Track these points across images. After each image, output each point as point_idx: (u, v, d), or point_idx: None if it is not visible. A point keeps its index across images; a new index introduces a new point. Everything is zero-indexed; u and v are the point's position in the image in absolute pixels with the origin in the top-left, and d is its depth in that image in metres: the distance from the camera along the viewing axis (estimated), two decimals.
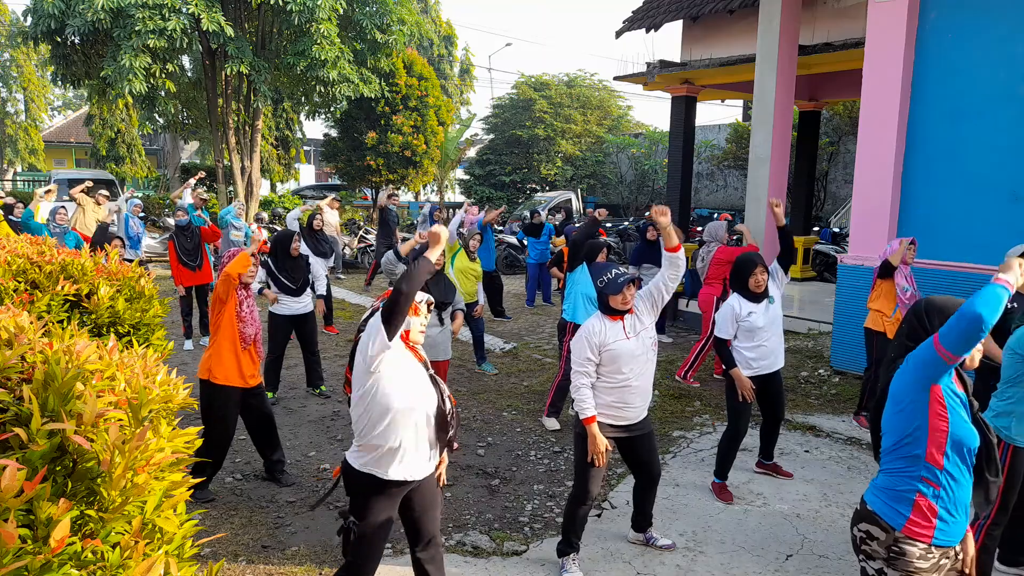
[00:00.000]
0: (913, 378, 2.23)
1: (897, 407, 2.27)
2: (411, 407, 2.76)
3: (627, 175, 24.77)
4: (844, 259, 7.32)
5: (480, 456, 5.21)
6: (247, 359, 4.40)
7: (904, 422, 2.25)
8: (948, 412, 2.18)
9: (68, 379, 1.59)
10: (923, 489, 2.22)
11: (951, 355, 2.12)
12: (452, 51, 34.94)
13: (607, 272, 3.52)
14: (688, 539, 4.03)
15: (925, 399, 2.20)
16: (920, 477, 2.22)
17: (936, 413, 2.19)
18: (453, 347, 5.92)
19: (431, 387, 2.84)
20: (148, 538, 1.56)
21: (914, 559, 2.20)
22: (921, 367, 2.21)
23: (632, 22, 11.44)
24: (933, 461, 2.20)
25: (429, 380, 2.86)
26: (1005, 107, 6.20)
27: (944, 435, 2.18)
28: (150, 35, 12.48)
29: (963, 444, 2.18)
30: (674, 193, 11.53)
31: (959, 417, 2.19)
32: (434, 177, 23.34)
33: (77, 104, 37.50)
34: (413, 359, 2.86)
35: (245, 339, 4.35)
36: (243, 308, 4.36)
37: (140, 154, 25.05)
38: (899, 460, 2.27)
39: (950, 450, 2.18)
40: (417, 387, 2.80)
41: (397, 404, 2.74)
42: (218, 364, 4.32)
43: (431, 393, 2.83)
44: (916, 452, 2.22)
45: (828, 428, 5.74)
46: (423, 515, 2.97)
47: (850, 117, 16.65)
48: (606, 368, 3.50)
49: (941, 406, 2.19)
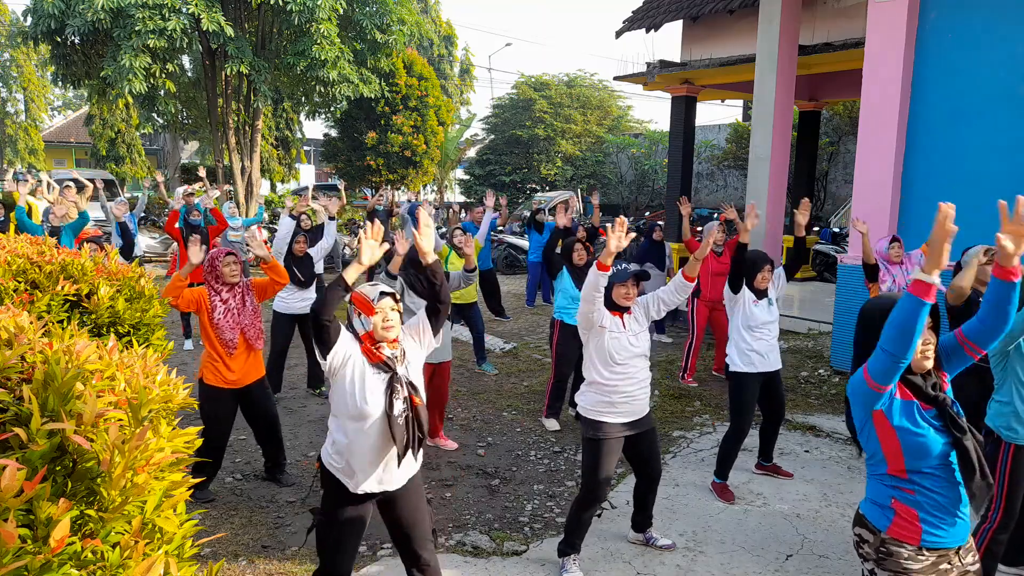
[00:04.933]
0: (855, 402, 2.25)
1: (858, 428, 2.30)
2: (360, 414, 2.67)
3: (627, 175, 24.77)
4: (844, 259, 7.32)
5: (480, 456, 5.21)
6: (237, 361, 4.29)
7: (866, 443, 2.28)
8: (896, 430, 2.17)
9: (68, 379, 1.58)
10: (898, 495, 2.23)
11: (873, 382, 2.13)
12: (452, 51, 34.95)
13: (615, 264, 3.54)
14: (688, 539, 4.02)
15: (871, 423, 2.22)
16: (892, 485, 2.25)
17: (884, 433, 2.20)
18: (453, 347, 5.93)
19: (382, 393, 2.68)
20: (148, 538, 1.56)
21: (902, 560, 2.21)
22: (856, 394, 2.23)
23: (632, 22, 11.44)
24: (897, 472, 2.22)
25: (385, 384, 2.70)
26: (1005, 107, 6.20)
27: (898, 451, 2.18)
28: (150, 35, 12.47)
29: (923, 453, 2.15)
30: (674, 193, 11.53)
31: (909, 433, 2.16)
32: (434, 177, 23.36)
33: (77, 104, 37.49)
34: (366, 363, 2.72)
35: (227, 344, 4.24)
36: (216, 315, 4.23)
37: (140, 154, 25.06)
38: (873, 470, 2.31)
39: (910, 462, 2.18)
40: (367, 393, 2.67)
41: (346, 410, 2.72)
42: (206, 365, 4.31)
43: (381, 398, 2.68)
44: (881, 467, 2.26)
45: (828, 428, 5.73)
46: (411, 531, 2.87)
47: (850, 117, 16.65)
48: (608, 364, 3.51)
49: (888, 427, 2.19)
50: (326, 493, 2.86)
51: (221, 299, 4.27)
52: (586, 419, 3.59)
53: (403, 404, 2.69)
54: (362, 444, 2.71)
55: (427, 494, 4.49)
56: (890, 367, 2.07)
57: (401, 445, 2.66)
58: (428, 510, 2.99)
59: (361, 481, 2.76)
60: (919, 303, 1.97)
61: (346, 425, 2.73)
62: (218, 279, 4.28)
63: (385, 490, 2.81)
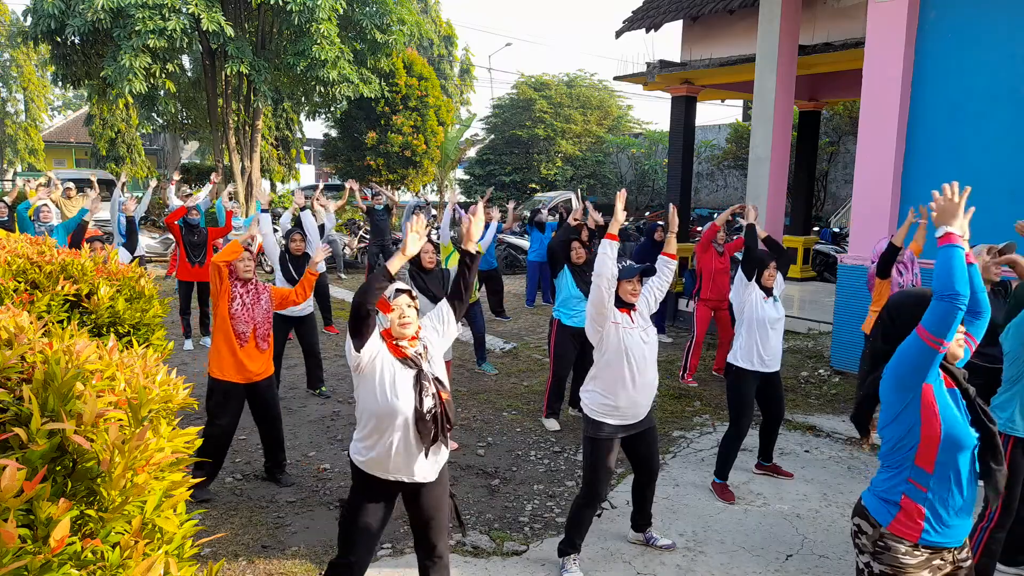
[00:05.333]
0: (899, 379, 2.22)
1: (890, 415, 2.27)
2: (391, 410, 2.71)
3: (627, 175, 24.77)
4: (844, 259, 7.33)
5: (480, 456, 5.21)
6: (247, 355, 4.38)
7: (898, 428, 2.25)
8: (940, 412, 2.17)
9: (68, 379, 1.58)
10: (909, 491, 2.23)
11: (933, 337, 2.12)
12: (452, 51, 34.91)
13: (621, 261, 3.60)
14: (688, 539, 4.03)
15: (917, 402, 2.20)
16: (907, 479, 2.23)
17: (928, 415, 2.18)
18: (453, 347, 5.91)
19: (411, 389, 2.74)
20: (148, 538, 1.56)
21: (899, 555, 2.22)
22: (908, 360, 2.19)
23: (632, 22, 11.44)
24: (924, 464, 2.20)
25: (413, 380, 2.76)
26: (1005, 107, 6.20)
27: (936, 438, 2.17)
28: (150, 35, 12.47)
29: (958, 444, 2.16)
30: (674, 193, 11.53)
31: (952, 416, 2.17)
32: (434, 177, 23.33)
33: (77, 104, 37.48)
34: (393, 360, 2.77)
35: (239, 336, 4.34)
36: (235, 305, 4.34)
37: (140, 154, 25.05)
38: (892, 461, 2.29)
39: (943, 453, 2.17)
40: (398, 389, 2.73)
41: (375, 407, 2.75)
42: (215, 359, 4.38)
43: (411, 395, 2.74)
44: (908, 455, 2.23)
45: (828, 428, 5.74)
46: (430, 521, 2.93)
47: (850, 117, 16.65)
48: (617, 362, 3.52)
49: (933, 407, 2.18)
50: (354, 486, 2.91)
51: (238, 292, 4.40)
52: (589, 418, 3.60)
53: (432, 400, 2.76)
54: (391, 438, 2.74)
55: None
56: (948, 311, 2.09)
57: (428, 440, 2.73)
58: (450, 504, 3.04)
59: (390, 473, 2.80)
60: (953, 247, 2.14)
61: (374, 420, 2.77)
62: (231, 274, 4.40)
63: (415, 481, 2.85)
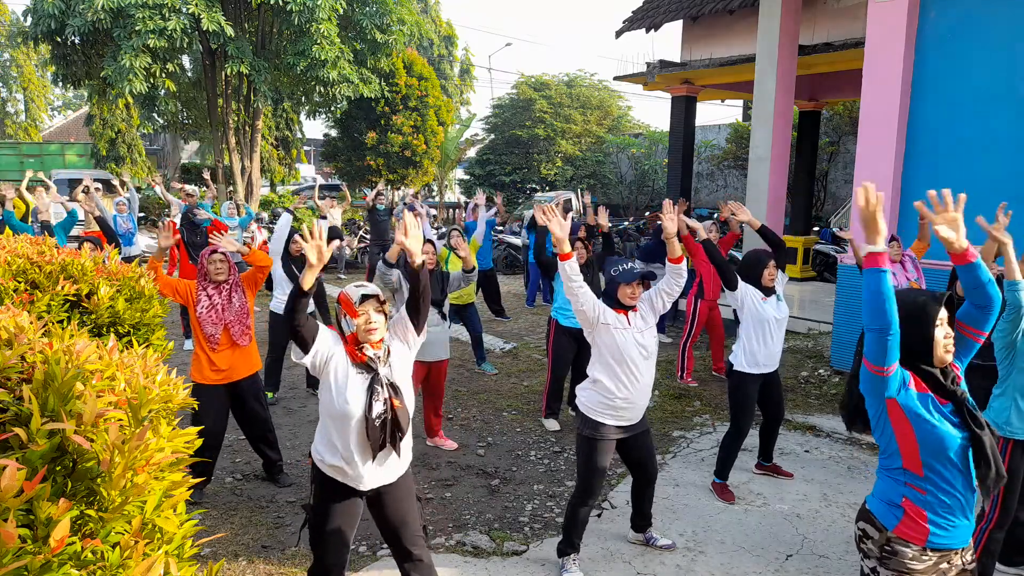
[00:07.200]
0: (868, 395, 2.28)
1: (872, 423, 2.31)
2: (342, 414, 2.71)
3: (627, 175, 24.75)
4: (844, 259, 7.33)
5: (480, 456, 5.21)
6: (221, 357, 4.36)
7: (879, 437, 2.29)
8: (911, 420, 2.17)
9: (68, 379, 1.58)
10: (909, 494, 2.23)
11: (874, 366, 2.17)
12: (452, 51, 34.92)
13: (622, 263, 3.54)
14: (688, 539, 4.03)
15: (886, 415, 2.22)
16: (904, 483, 2.24)
17: (899, 425, 2.20)
18: (453, 347, 5.91)
19: (363, 393, 2.72)
20: (148, 538, 1.56)
21: (906, 559, 2.21)
22: (864, 385, 2.26)
23: (632, 22, 11.44)
24: (912, 467, 2.22)
25: (367, 385, 2.73)
26: (1005, 107, 6.20)
27: (914, 444, 2.18)
28: (150, 35, 12.48)
29: (940, 447, 2.15)
30: (674, 193, 11.54)
31: (925, 422, 2.16)
32: (434, 177, 23.34)
33: (77, 104, 37.48)
34: (348, 364, 2.75)
35: (209, 339, 4.32)
36: (200, 308, 4.32)
37: (140, 154, 25.03)
38: (888, 464, 2.31)
39: (927, 457, 2.17)
40: (348, 394, 2.71)
41: (330, 410, 2.76)
42: (194, 361, 4.42)
43: (362, 399, 2.71)
44: (896, 462, 2.25)
45: (828, 428, 5.73)
46: (398, 529, 2.90)
47: (850, 117, 16.64)
48: (618, 363, 3.48)
49: (903, 418, 2.19)
50: (316, 489, 2.91)
51: (207, 294, 4.37)
52: (585, 417, 3.59)
53: (383, 406, 2.72)
54: (345, 442, 2.75)
55: (427, 494, 4.51)
56: (878, 342, 2.13)
57: (376, 445, 2.71)
58: (419, 507, 3.01)
59: (347, 477, 2.81)
60: (876, 272, 2.12)
61: (330, 423, 2.78)
62: (205, 276, 4.38)
63: (371, 487, 2.84)
